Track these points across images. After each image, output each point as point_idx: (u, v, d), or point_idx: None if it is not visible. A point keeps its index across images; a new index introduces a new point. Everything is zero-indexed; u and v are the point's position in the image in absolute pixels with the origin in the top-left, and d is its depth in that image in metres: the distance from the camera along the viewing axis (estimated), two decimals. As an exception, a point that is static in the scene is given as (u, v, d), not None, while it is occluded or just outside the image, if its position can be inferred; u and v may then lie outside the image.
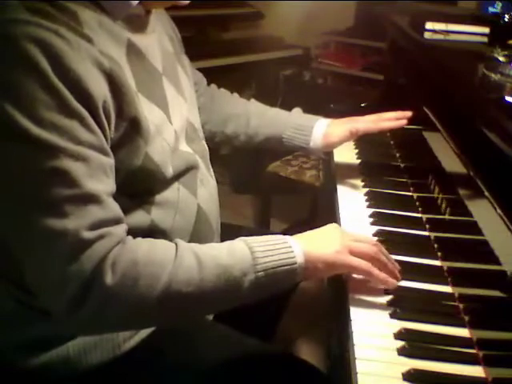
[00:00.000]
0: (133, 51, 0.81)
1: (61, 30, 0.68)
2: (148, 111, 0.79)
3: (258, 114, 1.22)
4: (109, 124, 0.73)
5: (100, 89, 0.70)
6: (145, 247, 0.73)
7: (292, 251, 0.78)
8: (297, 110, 1.28)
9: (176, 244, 0.76)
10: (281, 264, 0.77)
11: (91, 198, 0.69)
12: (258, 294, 0.77)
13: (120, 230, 0.73)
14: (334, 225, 0.87)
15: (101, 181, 0.71)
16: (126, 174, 0.78)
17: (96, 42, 0.72)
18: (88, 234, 0.68)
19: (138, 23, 0.83)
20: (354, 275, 0.85)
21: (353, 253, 0.81)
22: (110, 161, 0.73)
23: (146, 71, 0.83)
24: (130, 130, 0.76)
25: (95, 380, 0.85)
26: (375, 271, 0.81)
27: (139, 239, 0.75)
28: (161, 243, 0.76)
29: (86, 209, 0.68)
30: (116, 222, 0.72)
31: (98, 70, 0.71)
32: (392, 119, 1.18)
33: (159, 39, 0.91)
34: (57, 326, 0.82)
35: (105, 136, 0.72)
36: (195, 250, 0.75)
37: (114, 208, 0.73)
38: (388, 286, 0.83)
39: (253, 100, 1.28)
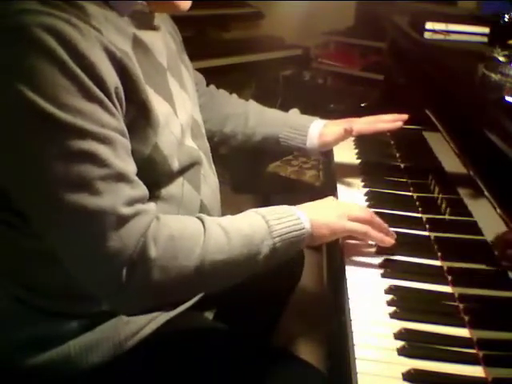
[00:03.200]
0: (138, 45, 0.82)
1: (72, 19, 0.69)
2: (156, 103, 0.80)
3: (256, 114, 1.23)
4: (121, 110, 0.74)
5: (112, 75, 0.71)
6: (177, 223, 0.77)
7: (299, 218, 0.85)
8: (294, 111, 1.28)
9: (201, 219, 0.80)
10: (292, 230, 0.83)
11: (121, 177, 0.71)
12: (273, 260, 0.83)
13: (152, 206, 0.76)
14: (330, 197, 0.97)
15: (126, 161, 0.73)
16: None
17: (104, 33, 0.73)
18: (125, 210, 0.70)
19: (142, 20, 0.84)
20: (353, 254, 0.93)
21: (351, 218, 0.90)
22: (129, 144, 0.75)
23: (151, 65, 0.84)
24: (140, 118, 0.77)
25: (96, 379, 0.85)
26: (372, 232, 0.91)
27: (169, 216, 0.79)
28: (189, 219, 0.80)
29: (118, 187, 0.70)
30: (147, 199, 0.75)
31: (108, 58, 0.72)
32: (388, 121, 1.19)
33: (163, 36, 0.92)
34: (57, 324, 0.83)
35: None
36: (219, 222, 0.80)
37: (142, 186, 0.75)
38: (385, 244, 0.92)
39: (251, 100, 1.28)
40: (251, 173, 2.58)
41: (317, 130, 1.19)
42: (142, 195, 0.74)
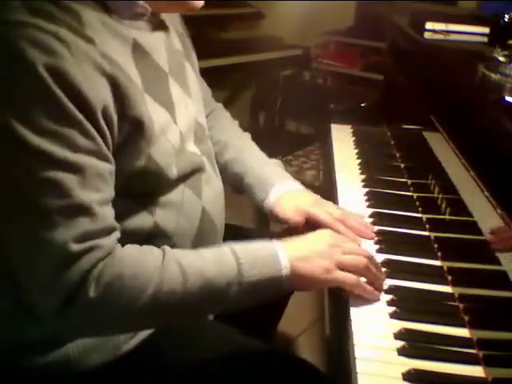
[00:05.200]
0: (138, 51, 0.80)
1: (60, 32, 0.68)
2: (153, 112, 0.79)
3: (236, 148, 1.13)
4: (111, 128, 0.73)
5: (99, 93, 0.70)
6: (131, 259, 0.74)
7: (279, 264, 0.79)
8: (275, 162, 1.16)
9: (163, 253, 0.76)
10: (267, 277, 0.78)
11: (82, 209, 0.69)
12: (242, 303, 0.80)
13: (109, 241, 0.73)
14: (324, 233, 0.88)
15: (96, 189, 0.71)
16: (129, 176, 0.78)
17: (98, 43, 0.72)
18: (75, 247, 0.68)
19: (144, 22, 0.83)
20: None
21: (342, 266, 0.82)
22: (109, 166, 0.73)
23: (151, 71, 0.83)
24: (133, 132, 0.76)
25: (95, 381, 0.84)
26: (362, 286, 0.82)
27: (127, 248, 0.75)
28: (148, 253, 0.76)
29: (75, 220, 0.69)
30: (107, 232, 0.73)
31: (99, 74, 0.71)
32: (352, 230, 0.97)
33: (167, 37, 0.90)
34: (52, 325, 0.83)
35: (105, 141, 0.72)
36: (180, 261, 0.76)
37: (106, 218, 0.73)
38: (371, 299, 0.83)
39: (247, 134, 1.20)
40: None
41: (276, 196, 1.03)
42: (101, 228, 0.72)
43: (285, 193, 1.04)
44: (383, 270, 0.90)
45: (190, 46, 1.04)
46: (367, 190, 1.16)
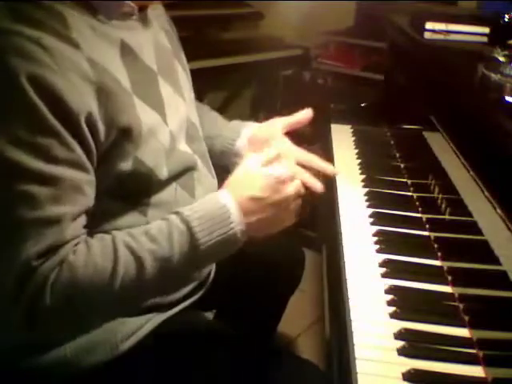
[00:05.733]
0: (127, 52, 0.80)
1: (44, 38, 0.67)
2: (142, 114, 0.79)
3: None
4: (96, 135, 0.72)
5: (83, 101, 0.70)
6: (82, 260, 0.72)
7: (231, 222, 0.78)
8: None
9: (113, 242, 0.75)
10: (222, 240, 0.78)
11: (52, 223, 0.69)
12: (203, 267, 0.88)
13: (66, 248, 0.72)
14: (254, 173, 0.84)
15: (70, 202, 0.71)
16: (118, 177, 0.78)
17: (84, 48, 0.71)
18: (40, 260, 0.69)
19: (131, 21, 0.83)
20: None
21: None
22: (88, 177, 0.73)
23: (140, 72, 0.82)
24: (120, 137, 0.76)
25: (94, 381, 0.84)
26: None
27: (77, 249, 0.73)
28: (98, 246, 0.74)
29: (45, 233, 0.69)
30: (68, 242, 0.72)
31: (84, 81, 0.70)
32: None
33: (155, 36, 0.90)
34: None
35: (87, 150, 0.72)
36: (132, 247, 0.74)
37: (74, 231, 0.72)
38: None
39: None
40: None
41: (249, 131, 1.09)
42: (67, 241, 0.71)
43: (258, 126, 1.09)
44: (383, 270, 0.90)
45: (178, 44, 1.04)
46: (367, 189, 1.16)
